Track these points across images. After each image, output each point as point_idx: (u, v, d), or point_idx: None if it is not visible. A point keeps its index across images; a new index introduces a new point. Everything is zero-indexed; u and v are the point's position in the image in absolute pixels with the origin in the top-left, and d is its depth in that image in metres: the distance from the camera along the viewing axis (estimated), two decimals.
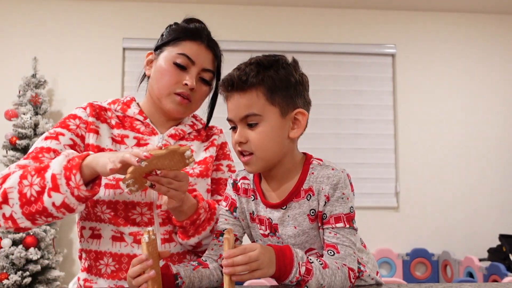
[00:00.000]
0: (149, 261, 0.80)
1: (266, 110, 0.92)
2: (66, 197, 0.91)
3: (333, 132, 3.61)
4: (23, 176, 0.94)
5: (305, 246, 0.98)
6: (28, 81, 3.18)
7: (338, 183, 0.93)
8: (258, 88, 0.92)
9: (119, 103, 1.20)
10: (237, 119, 0.94)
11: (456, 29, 3.78)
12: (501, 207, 3.64)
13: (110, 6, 3.55)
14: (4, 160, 3.01)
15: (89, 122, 1.12)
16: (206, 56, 1.16)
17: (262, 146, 0.93)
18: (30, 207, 0.92)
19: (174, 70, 1.13)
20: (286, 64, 0.96)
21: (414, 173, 3.62)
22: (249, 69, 0.93)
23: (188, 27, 1.17)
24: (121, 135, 1.15)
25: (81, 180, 0.90)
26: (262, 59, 0.95)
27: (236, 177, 1.06)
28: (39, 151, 1.05)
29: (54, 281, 3.00)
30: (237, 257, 0.79)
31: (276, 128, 0.93)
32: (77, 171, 0.90)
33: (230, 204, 1.05)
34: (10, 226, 0.95)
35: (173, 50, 1.14)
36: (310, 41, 3.65)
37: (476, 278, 3.06)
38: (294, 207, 0.96)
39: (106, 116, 1.17)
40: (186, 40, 1.14)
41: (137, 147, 1.14)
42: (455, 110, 3.71)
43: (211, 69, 1.17)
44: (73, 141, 1.09)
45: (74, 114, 1.14)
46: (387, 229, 3.57)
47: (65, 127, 1.10)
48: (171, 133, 1.19)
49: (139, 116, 1.18)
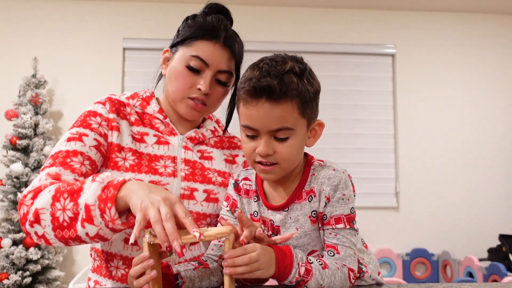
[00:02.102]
0: (150, 261, 0.80)
1: (298, 124, 0.89)
2: (101, 228, 0.85)
3: (333, 132, 3.61)
4: (56, 198, 0.88)
5: (307, 248, 0.97)
6: (28, 81, 3.18)
7: (338, 184, 0.93)
8: (294, 100, 0.86)
9: (138, 98, 1.15)
10: (265, 130, 0.88)
11: (456, 29, 3.78)
12: (501, 207, 3.65)
13: (110, 6, 3.55)
14: (4, 160, 3.01)
15: (110, 119, 1.07)
16: (222, 56, 1.08)
17: (290, 158, 0.91)
18: (62, 232, 0.88)
19: (187, 73, 1.07)
20: (311, 71, 0.92)
21: (414, 173, 3.62)
22: (288, 79, 0.86)
23: (203, 23, 1.09)
24: (140, 133, 1.11)
25: (116, 214, 0.83)
26: (295, 66, 0.88)
27: (238, 178, 1.06)
28: (66, 155, 1.00)
29: (54, 281, 3.00)
30: (238, 257, 0.79)
31: (302, 140, 0.92)
32: (112, 205, 0.83)
33: (231, 205, 1.05)
34: (42, 243, 0.93)
35: (187, 52, 1.07)
36: (310, 41, 3.65)
37: (476, 278, 3.06)
38: (296, 209, 0.96)
39: (126, 112, 1.12)
40: (201, 40, 1.07)
41: (157, 145, 1.10)
42: (455, 110, 3.71)
43: (227, 70, 1.09)
44: (97, 141, 1.04)
45: (94, 111, 1.08)
46: (387, 229, 3.57)
47: (87, 126, 1.05)
48: (191, 135, 1.15)
49: (158, 114, 1.14)
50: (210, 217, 1.11)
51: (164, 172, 1.07)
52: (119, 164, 1.05)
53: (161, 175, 1.07)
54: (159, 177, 1.06)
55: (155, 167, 1.07)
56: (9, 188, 2.96)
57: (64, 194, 0.88)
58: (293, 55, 0.93)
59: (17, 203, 2.95)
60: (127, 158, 1.07)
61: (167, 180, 1.07)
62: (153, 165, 1.08)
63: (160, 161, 1.09)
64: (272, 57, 0.91)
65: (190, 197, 1.09)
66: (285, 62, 0.88)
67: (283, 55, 0.92)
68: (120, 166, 1.05)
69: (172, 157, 1.11)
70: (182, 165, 1.11)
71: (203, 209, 1.10)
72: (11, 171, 2.94)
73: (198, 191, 1.09)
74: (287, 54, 0.93)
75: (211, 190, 1.11)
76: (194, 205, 1.09)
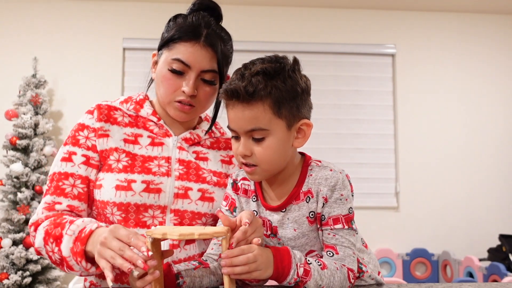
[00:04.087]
0: (153, 261, 0.80)
1: (272, 124, 0.89)
2: (82, 271, 0.96)
3: (333, 132, 3.61)
4: (45, 240, 0.99)
5: (305, 248, 0.97)
6: (28, 81, 3.18)
7: (336, 184, 0.93)
8: (265, 101, 0.87)
9: (132, 102, 1.16)
10: (241, 131, 0.90)
11: (456, 29, 3.78)
12: (501, 207, 3.65)
13: (110, 6, 3.55)
14: (4, 160, 3.02)
15: (97, 129, 1.09)
16: (203, 56, 1.06)
17: (267, 160, 0.91)
18: (60, 266, 1.00)
19: (171, 77, 1.07)
20: (292, 71, 0.91)
21: (414, 173, 3.62)
22: (255, 80, 0.87)
23: (182, 24, 1.09)
24: (134, 134, 1.12)
25: (88, 264, 0.92)
26: (268, 67, 0.88)
27: (236, 177, 1.06)
28: (58, 178, 1.07)
29: (54, 281, 3.01)
30: (235, 257, 0.80)
31: (281, 141, 0.91)
32: (82, 258, 0.92)
33: (230, 204, 1.05)
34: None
35: (169, 55, 1.07)
36: (310, 41, 3.65)
37: (476, 278, 3.06)
38: (293, 209, 0.96)
39: (117, 115, 1.13)
40: (180, 42, 1.06)
41: (151, 146, 1.11)
42: (455, 110, 3.71)
43: (211, 69, 1.08)
44: (85, 156, 1.08)
45: (82, 123, 1.11)
46: (387, 229, 3.57)
47: (76, 143, 1.09)
48: (186, 136, 1.15)
49: (152, 117, 1.14)
50: (205, 217, 1.10)
51: (158, 171, 1.08)
52: (112, 167, 1.07)
53: (154, 175, 1.07)
54: (152, 176, 1.07)
55: (149, 167, 1.08)
56: (9, 188, 2.96)
57: (50, 238, 0.98)
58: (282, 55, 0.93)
59: (17, 203, 2.96)
60: (121, 159, 1.08)
61: (161, 180, 1.07)
62: (147, 165, 1.08)
63: (154, 161, 1.09)
64: (254, 59, 0.92)
65: (185, 196, 1.08)
66: (257, 64, 0.90)
67: (265, 57, 0.93)
68: (114, 168, 1.07)
69: (166, 157, 1.11)
70: (176, 165, 1.11)
71: (198, 208, 1.09)
72: (11, 171, 2.94)
73: (192, 190, 1.09)
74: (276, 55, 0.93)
75: (206, 189, 1.11)
76: (189, 204, 1.08)
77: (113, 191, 1.04)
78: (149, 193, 1.05)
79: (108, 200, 1.04)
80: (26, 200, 2.93)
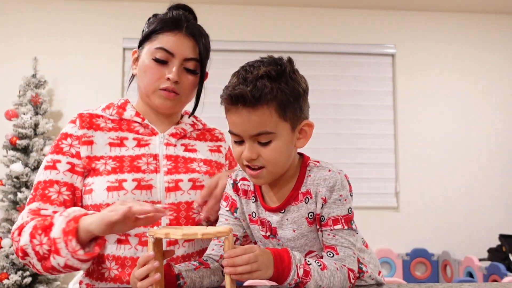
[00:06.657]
0: (155, 263, 0.81)
1: (278, 127, 0.89)
2: (68, 259, 0.93)
3: (333, 132, 3.61)
4: (32, 235, 0.97)
5: (305, 249, 0.98)
6: (28, 81, 3.18)
7: (334, 185, 0.93)
8: (271, 104, 0.87)
9: (114, 107, 1.18)
10: (246, 135, 0.89)
11: (456, 29, 3.78)
12: (501, 207, 3.65)
13: (110, 6, 3.55)
14: (4, 160, 3.01)
15: (79, 136, 1.10)
16: (186, 45, 1.12)
17: (275, 161, 0.91)
18: (46, 262, 0.97)
19: (155, 66, 1.11)
20: (292, 72, 0.91)
21: (414, 173, 3.62)
22: (261, 84, 0.86)
23: (164, 18, 1.15)
24: (119, 137, 1.13)
25: (78, 245, 0.92)
26: (271, 70, 0.88)
27: (236, 178, 1.06)
28: (44, 186, 1.06)
29: (54, 281, 3.01)
30: (237, 257, 0.80)
31: (287, 143, 0.91)
32: (73, 237, 0.91)
33: (230, 205, 1.05)
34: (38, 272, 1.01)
35: (152, 46, 1.12)
36: (310, 41, 3.65)
37: (476, 278, 3.06)
38: (292, 210, 0.96)
39: (99, 122, 1.14)
40: (163, 33, 1.11)
41: (137, 147, 1.12)
42: (455, 110, 3.71)
43: (194, 58, 1.13)
44: (70, 163, 1.09)
45: (65, 132, 1.13)
46: (387, 229, 3.57)
47: (59, 151, 1.10)
48: (172, 132, 1.18)
49: (136, 118, 1.16)
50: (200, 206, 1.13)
51: (146, 169, 1.09)
52: (100, 170, 1.08)
53: (143, 172, 1.08)
54: (142, 174, 1.08)
55: (137, 165, 1.09)
56: (9, 188, 2.96)
57: (38, 230, 0.96)
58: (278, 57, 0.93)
59: (17, 203, 2.96)
60: (108, 163, 1.09)
61: (150, 176, 1.09)
62: (135, 163, 1.09)
63: (143, 159, 1.11)
64: (252, 62, 0.92)
65: (176, 188, 1.10)
66: (260, 67, 0.89)
67: (262, 59, 0.93)
68: (102, 171, 1.07)
69: (153, 155, 1.12)
70: (164, 161, 1.13)
71: (191, 197, 1.11)
72: (11, 171, 2.94)
73: (183, 181, 1.11)
74: (271, 57, 0.93)
75: (196, 178, 1.13)
76: (181, 195, 1.10)
77: (105, 193, 1.05)
78: (141, 190, 1.06)
79: (101, 203, 1.05)
80: (26, 200, 2.92)
